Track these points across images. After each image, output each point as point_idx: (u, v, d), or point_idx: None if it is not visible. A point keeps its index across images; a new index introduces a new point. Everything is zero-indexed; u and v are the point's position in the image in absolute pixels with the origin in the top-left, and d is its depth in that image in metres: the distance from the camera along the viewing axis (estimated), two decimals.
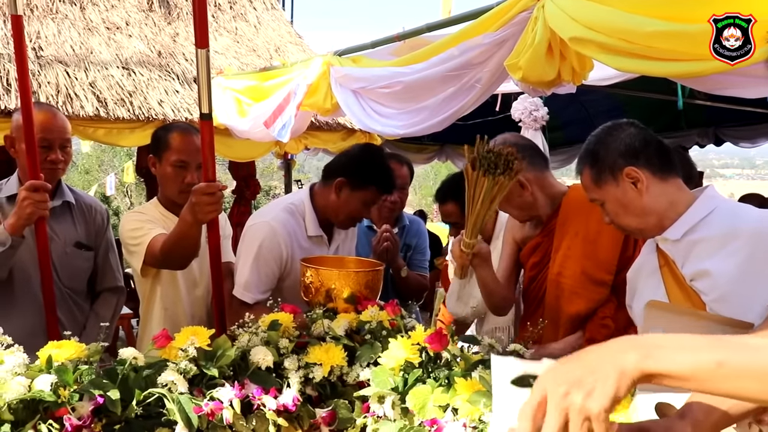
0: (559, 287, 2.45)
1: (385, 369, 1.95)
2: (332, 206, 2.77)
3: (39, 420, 1.66)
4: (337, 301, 2.29)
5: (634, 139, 1.98)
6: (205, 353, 1.92)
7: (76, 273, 2.85)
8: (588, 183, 2.02)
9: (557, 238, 2.46)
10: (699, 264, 1.86)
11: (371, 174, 2.73)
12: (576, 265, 2.42)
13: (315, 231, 2.79)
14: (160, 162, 2.81)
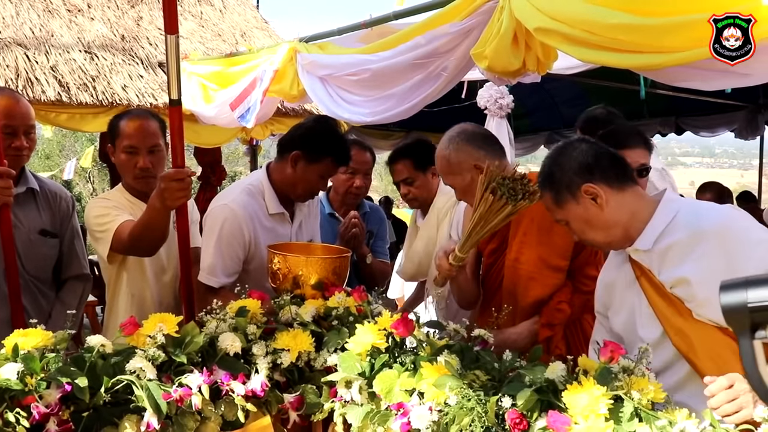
0: (517, 273, 2.50)
1: (352, 354, 1.98)
2: (289, 180, 2.77)
3: (6, 408, 1.65)
4: (305, 288, 2.31)
5: (587, 156, 2.01)
6: (174, 340, 1.93)
7: (41, 261, 2.82)
8: (550, 205, 2.06)
9: (514, 224, 2.50)
10: (675, 271, 1.91)
11: (327, 146, 2.73)
12: (532, 252, 2.47)
13: (276, 208, 2.80)
14: (115, 150, 2.80)
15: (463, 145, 2.54)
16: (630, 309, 2.02)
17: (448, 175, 2.58)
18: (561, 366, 1.76)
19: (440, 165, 2.61)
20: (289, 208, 2.86)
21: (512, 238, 2.51)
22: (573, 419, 1.56)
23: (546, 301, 2.49)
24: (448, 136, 2.58)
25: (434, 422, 1.74)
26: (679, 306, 1.91)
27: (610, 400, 1.57)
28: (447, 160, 2.56)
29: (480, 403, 1.69)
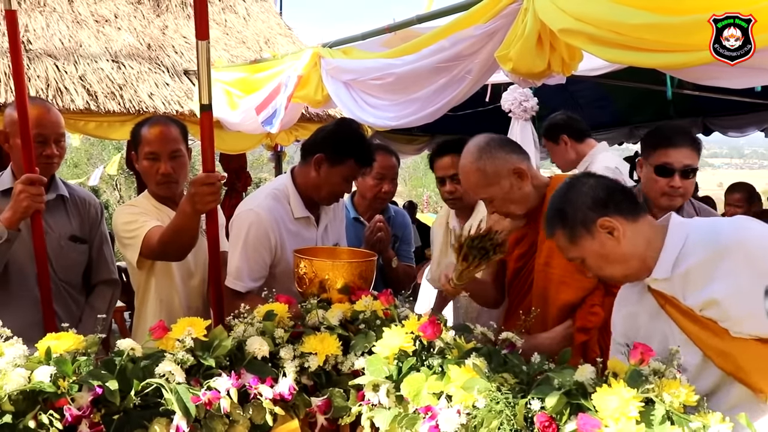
0: (547, 277, 2.47)
1: (379, 357, 1.98)
2: (313, 183, 2.78)
3: (39, 410, 1.67)
4: (331, 292, 2.31)
5: (598, 190, 1.98)
6: (202, 344, 1.94)
7: (71, 266, 2.86)
8: (564, 243, 2.02)
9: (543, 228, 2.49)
10: (701, 294, 1.86)
11: (349, 147, 2.73)
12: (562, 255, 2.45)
13: (301, 212, 2.81)
14: (138, 157, 2.83)
15: (496, 152, 2.49)
16: (662, 338, 1.96)
17: (485, 188, 2.48)
18: (590, 368, 1.74)
19: (475, 179, 2.51)
20: (315, 212, 2.87)
21: (542, 243, 2.48)
22: (603, 422, 1.55)
23: (577, 304, 2.46)
24: (477, 148, 2.51)
25: (462, 425, 1.74)
26: (713, 327, 1.86)
27: (641, 403, 1.55)
28: (482, 171, 2.47)
29: (508, 405, 1.69)
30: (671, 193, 2.72)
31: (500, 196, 2.47)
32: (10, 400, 1.66)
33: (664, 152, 2.71)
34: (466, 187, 2.62)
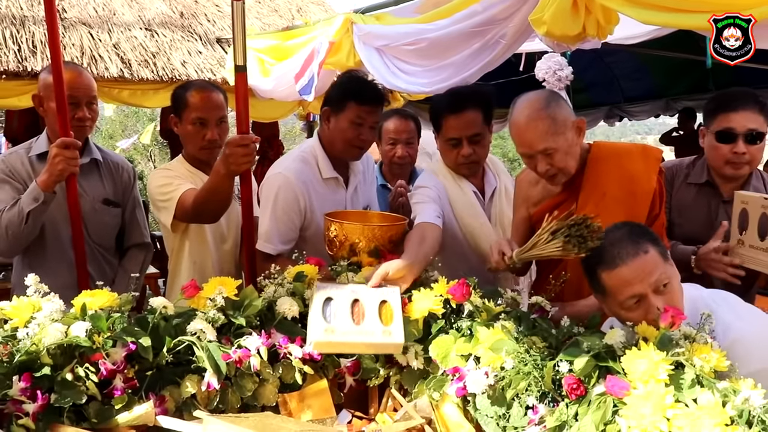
0: None
1: (408, 320, 1.98)
2: (328, 138, 2.79)
3: (76, 364, 1.72)
4: (361, 255, 2.32)
5: None
6: (233, 303, 1.97)
7: (104, 229, 2.90)
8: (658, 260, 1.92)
9: (583, 197, 2.44)
10: None
11: (346, 92, 2.73)
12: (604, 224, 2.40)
13: (329, 173, 2.81)
14: (180, 121, 2.85)
15: (561, 102, 2.39)
16: None
17: (554, 136, 2.32)
18: (620, 332, 1.73)
19: (544, 126, 2.32)
20: (343, 173, 2.87)
21: (580, 210, 2.43)
22: (632, 384, 1.54)
23: None
24: (542, 96, 2.39)
25: (490, 386, 1.74)
26: None
27: (671, 366, 1.54)
28: (553, 119, 2.32)
29: (537, 367, 1.69)
30: (735, 161, 2.62)
31: (564, 149, 2.35)
32: (48, 354, 1.71)
33: (725, 117, 2.61)
34: (530, 136, 2.34)
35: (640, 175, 2.40)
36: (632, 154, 2.46)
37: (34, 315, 1.79)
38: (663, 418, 1.44)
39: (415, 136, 3.50)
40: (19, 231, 2.56)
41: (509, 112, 2.43)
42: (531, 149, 2.34)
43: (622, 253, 1.88)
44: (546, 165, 2.35)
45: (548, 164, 2.34)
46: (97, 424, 1.70)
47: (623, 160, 2.42)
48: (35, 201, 2.51)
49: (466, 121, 2.70)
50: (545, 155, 2.34)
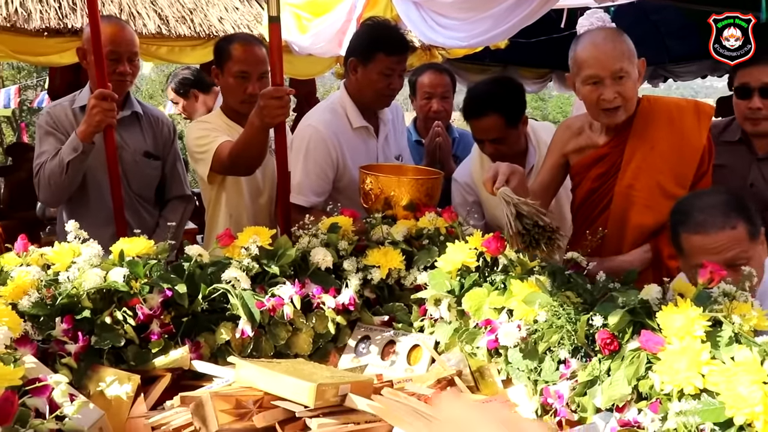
0: (629, 199, 2.39)
1: (442, 272, 1.98)
2: (355, 89, 2.79)
3: (115, 308, 1.76)
4: (396, 208, 2.32)
5: None
6: (267, 252, 1.99)
7: (145, 181, 2.95)
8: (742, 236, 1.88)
9: (629, 149, 2.38)
10: None
11: (373, 42, 2.71)
12: (650, 178, 2.35)
13: (359, 122, 2.81)
14: (222, 73, 2.85)
15: None
16: None
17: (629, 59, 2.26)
18: (656, 288, 1.70)
19: (621, 47, 2.25)
20: (374, 123, 2.86)
21: (626, 163, 2.39)
22: (667, 340, 1.52)
23: (656, 230, 2.40)
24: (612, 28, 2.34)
25: (522, 340, 1.73)
26: None
27: (708, 323, 1.51)
28: (628, 44, 2.26)
29: (570, 321, 1.67)
30: (752, 117, 2.57)
31: (633, 79, 2.28)
32: (88, 298, 1.76)
33: (743, 72, 2.54)
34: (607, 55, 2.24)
35: (691, 130, 2.34)
36: (684, 109, 2.40)
37: (75, 260, 1.83)
38: (698, 374, 1.42)
39: (451, 90, 3.47)
40: (60, 181, 2.61)
41: (571, 48, 2.36)
42: (605, 70, 2.23)
43: (707, 221, 1.86)
44: (614, 92, 2.25)
45: (616, 92, 2.25)
46: (135, 366, 1.75)
47: (674, 115, 2.36)
48: (74, 151, 2.56)
49: (484, 127, 2.71)
50: (617, 80, 2.24)
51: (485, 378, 1.87)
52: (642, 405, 1.50)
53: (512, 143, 2.77)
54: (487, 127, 2.71)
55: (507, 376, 1.82)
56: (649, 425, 1.42)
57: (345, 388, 1.51)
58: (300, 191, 2.68)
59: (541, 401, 1.69)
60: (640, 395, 1.53)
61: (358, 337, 2.02)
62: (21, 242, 1.91)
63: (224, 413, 1.40)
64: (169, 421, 1.49)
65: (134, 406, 1.64)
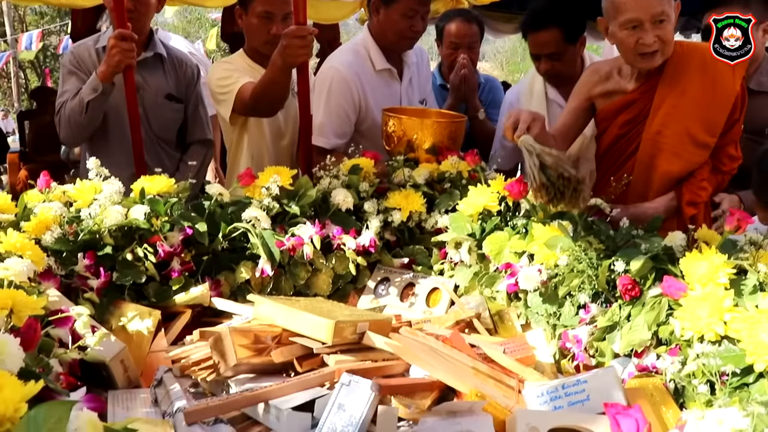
0: (657, 146, 2.34)
1: (463, 215, 1.96)
2: (377, 30, 2.74)
3: (136, 245, 1.77)
4: (419, 151, 2.29)
5: None
6: (288, 192, 1.98)
7: (166, 123, 2.93)
8: None
9: (660, 95, 2.32)
10: None
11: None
12: (680, 125, 2.30)
13: (382, 64, 2.77)
14: (246, 13, 2.81)
15: None
16: None
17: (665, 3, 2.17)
18: (680, 235, 1.68)
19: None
20: (397, 65, 2.82)
21: (656, 109, 2.32)
22: (689, 286, 1.50)
23: (682, 178, 2.36)
24: None
25: (542, 283, 1.72)
26: None
27: (732, 270, 1.48)
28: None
29: (591, 266, 1.65)
30: None
31: (672, 22, 2.21)
32: (110, 235, 1.77)
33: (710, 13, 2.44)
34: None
35: (725, 77, 2.27)
36: None
37: (96, 197, 1.83)
38: (720, 320, 1.40)
39: (478, 40, 3.39)
40: (80, 120, 2.61)
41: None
42: (646, 13, 2.16)
43: None
44: (653, 36, 2.17)
45: (656, 36, 2.18)
46: (156, 303, 1.77)
47: (707, 60, 2.27)
48: (94, 91, 2.55)
49: (543, 41, 2.69)
50: (657, 23, 2.17)
51: (504, 322, 1.87)
52: (661, 350, 1.49)
53: (568, 62, 2.76)
54: (546, 41, 2.70)
55: (526, 320, 1.82)
56: (669, 366, 1.41)
57: (363, 326, 1.52)
58: (321, 133, 2.66)
59: (559, 345, 1.69)
60: (659, 341, 1.53)
61: (377, 278, 2.03)
62: (43, 179, 1.92)
63: (243, 348, 1.41)
64: (188, 355, 1.51)
65: (155, 341, 1.67)
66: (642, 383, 1.46)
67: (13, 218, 1.77)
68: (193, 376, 1.48)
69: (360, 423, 1.24)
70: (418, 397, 1.37)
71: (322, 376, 1.39)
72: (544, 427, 1.24)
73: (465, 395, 1.38)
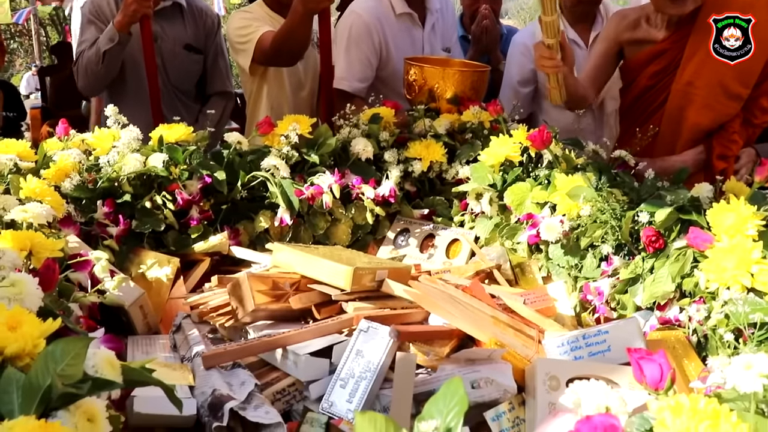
0: (687, 98, 2.27)
1: (484, 165, 1.93)
2: None
3: (155, 192, 1.76)
4: (440, 101, 2.26)
5: None
6: (307, 141, 1.96)
7: (184, 74, 2.91)
8: None
9: (692, 44, 2.24)
10: None
11: None
12: (713, 75, 2.23)
13: (402, 8, 2.73)
14: None
15: None
16: None
17: None
18: (707, 186, 1.64)
19: None
20: (419, 11, 2.78)
21: (687, 60, 2.26)
22: (716, 238, 1.46)
23: (712, 131, 2.30)
24: None
25: (564, 234, 1.69)
26: None
27: (761, 222, 1.44)
28: None
29: (614, 217, 1.62)
30: None
31: None
32: (128, 183, 1.76)
33: None
34: None
35: (763, 23, 2.19)
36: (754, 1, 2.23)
37: (114, 144, 1.82)
38: (747, 272, 1.36)
39: None
40: (96, 70, 2.60)
41: None
42: None
43: None
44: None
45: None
46: (175, 251, 1.76)
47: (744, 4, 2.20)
48: (111, 41, 2.54)
49: None
50: None
51: (525, 274, 1.85)
52: (684, 303, 1.47)
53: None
54: None
55: (547, 272, 1.80)
56: (695, 315, 1.39)
57: (382, 273, 1.50)
58: (342, 76, 2.63)
59: (580, 298, 1.67)
60: (682, 294, 1.50)
61: (397, 229, 2.01)
62: (62, 126, 1.91)
63: (261, 294, 1.41)
64: (206, 301, 1.51)
65: (174, 289, 1.67)
66: (664, 335, 1.44)
67: (33, 165, 1.76)
68: (212, 322, 1.48)
69: (378, 369, 1.24)
70: (436, 345, 1.36)
71: (341, 323, 1.39)
72: (564, 376, 1.23)
73: (484, 344, 1.37)
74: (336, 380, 1.25)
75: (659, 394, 0.89)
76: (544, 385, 1.22)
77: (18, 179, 1.56)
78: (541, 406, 1.20)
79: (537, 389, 1.21)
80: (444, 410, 0.68)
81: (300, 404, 1.27)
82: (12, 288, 0.99)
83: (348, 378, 1.24)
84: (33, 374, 0.79)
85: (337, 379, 1.25)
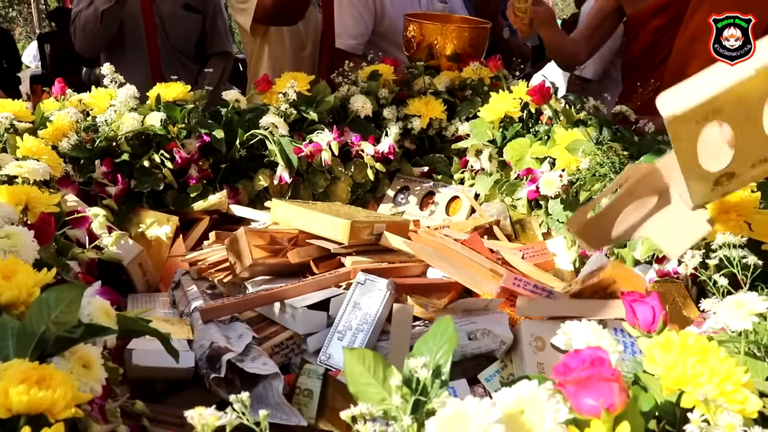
0: (692, 53, 2.23)
1: (484, 121, 1.92)
2: None
3: (153, 151, 1.75)
4: (440, 59, 2.23)
5: None
6: (306, 98, 1.95)
7: (183, 34, 2.89)
8: None
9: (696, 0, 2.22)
10: None
11: None
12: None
13: None
14: None
15: None
16: None
17: None
18: None
19: None
20: None
21: (691, 14, 2.22)
22: None
23: None
24: None
25: (563, 189, 1.68)
26: None
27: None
28: None
29: (614, 170, 1.61)
30: None
31: None
32: (127, 142, 1.75)
33: None
34: None
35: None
36: None
37: (112, 102, 1.81)
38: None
39: None
40: (95, 29, 2.58)
41: None
42: None
43: None
44: None
45: None
46: (175, 210, 1.76)
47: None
48: (108, 1, 2.51)
49: None
50: None
51: (526, 231, 1.85)
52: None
53: None
54: None
55: (548, 228, 1.79)
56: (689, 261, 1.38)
57: (380, 227, 1.50)
58: (337, 34, 2.59)
59: (579, 252, 1.67)
60: None
61: (397, 187, 2.00)
62: (58, 86, 1.90)
63: (258, 248, 1.41)
64: (205, 257, 1.51)
65: (173, 247, 1.67)
66: (664, 287, 1.43)
67: (30, 125, 1.76)
68: (210, 278, 1.49)
69: (375, 321, 1.24)
70: (434, 297, 1.36)
71: (338, 276, 1.39)
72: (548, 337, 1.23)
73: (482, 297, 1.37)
74: (334, 333, 1.25)
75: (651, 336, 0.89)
76: (530, 346, 1.22)
77: (15, 139, 1.56)
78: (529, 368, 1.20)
79: (524, 351, 1.22)
80: (434, 348, 0.68)
81: (298, 357, 1.28)
82: (7, 240, 0.99)
83: (345, 330, 1.25)
84: (27, 321, 0.79)
85: (334, 331, 1.26)
